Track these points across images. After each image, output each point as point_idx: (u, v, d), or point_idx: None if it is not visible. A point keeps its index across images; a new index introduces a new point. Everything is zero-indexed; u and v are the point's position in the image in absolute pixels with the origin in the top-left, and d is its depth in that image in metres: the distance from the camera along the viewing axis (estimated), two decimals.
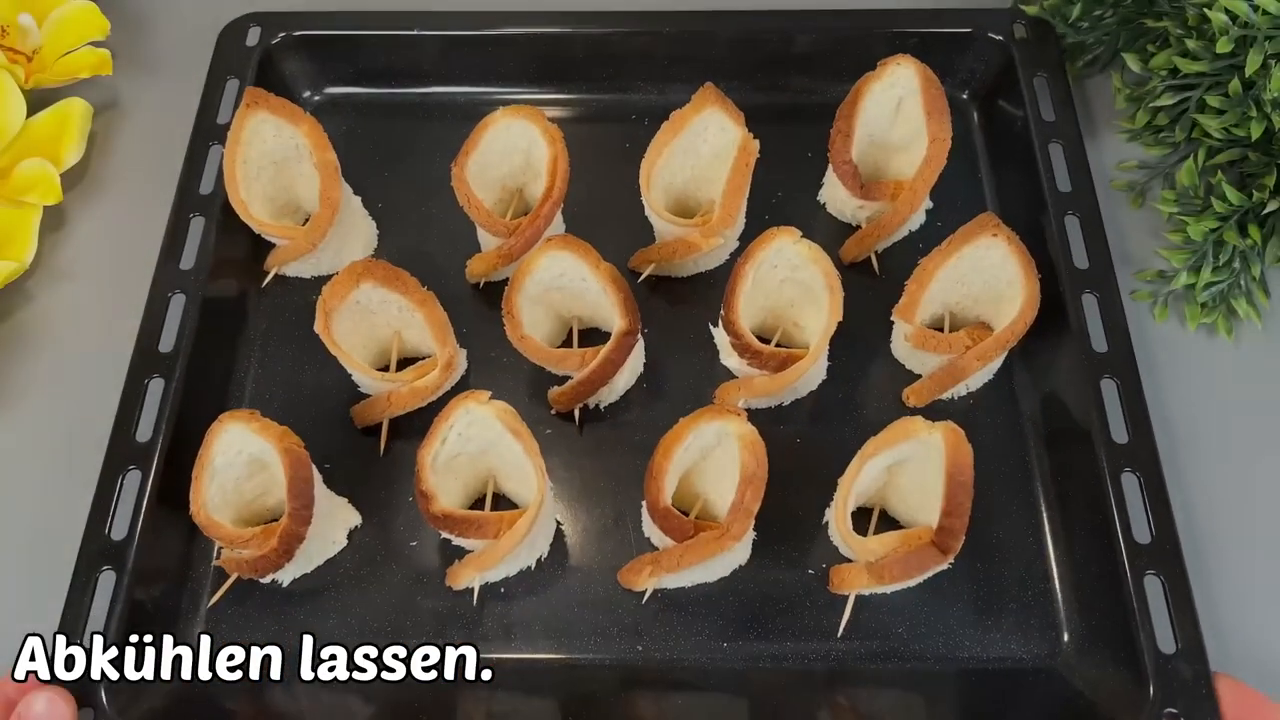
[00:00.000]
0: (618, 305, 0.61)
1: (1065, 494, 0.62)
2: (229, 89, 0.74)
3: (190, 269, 0.67)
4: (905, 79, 0.66)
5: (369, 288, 0.60)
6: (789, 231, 0.61)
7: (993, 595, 0.60)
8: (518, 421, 0.56)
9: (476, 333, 0.68)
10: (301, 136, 0.66)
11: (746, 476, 0.54)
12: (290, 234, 0.67)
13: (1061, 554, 0.61)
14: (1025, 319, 0.61)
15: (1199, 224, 0.67)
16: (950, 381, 0.64)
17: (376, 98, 0.79)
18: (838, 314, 0.60)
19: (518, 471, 0.59)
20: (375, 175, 0.75)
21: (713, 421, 0.56)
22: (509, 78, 0.78)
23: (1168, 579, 0.56)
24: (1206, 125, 0.67)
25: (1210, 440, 0.65)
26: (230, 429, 0.56)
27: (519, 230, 0.65)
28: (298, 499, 0.55)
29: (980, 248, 0.61)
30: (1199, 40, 0.66)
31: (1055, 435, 0.64)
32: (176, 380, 0.63)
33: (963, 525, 0.54)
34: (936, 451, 0.55)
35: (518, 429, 0.56)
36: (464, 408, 0.56)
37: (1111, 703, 0.55)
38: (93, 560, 0.57)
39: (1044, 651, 0.59)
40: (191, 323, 0.65)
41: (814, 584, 0.60)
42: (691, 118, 0.65)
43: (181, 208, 0.69)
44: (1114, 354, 0.63)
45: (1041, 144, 0.71)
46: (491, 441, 0.57)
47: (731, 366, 0.65)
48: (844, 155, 0.67)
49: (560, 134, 0.66)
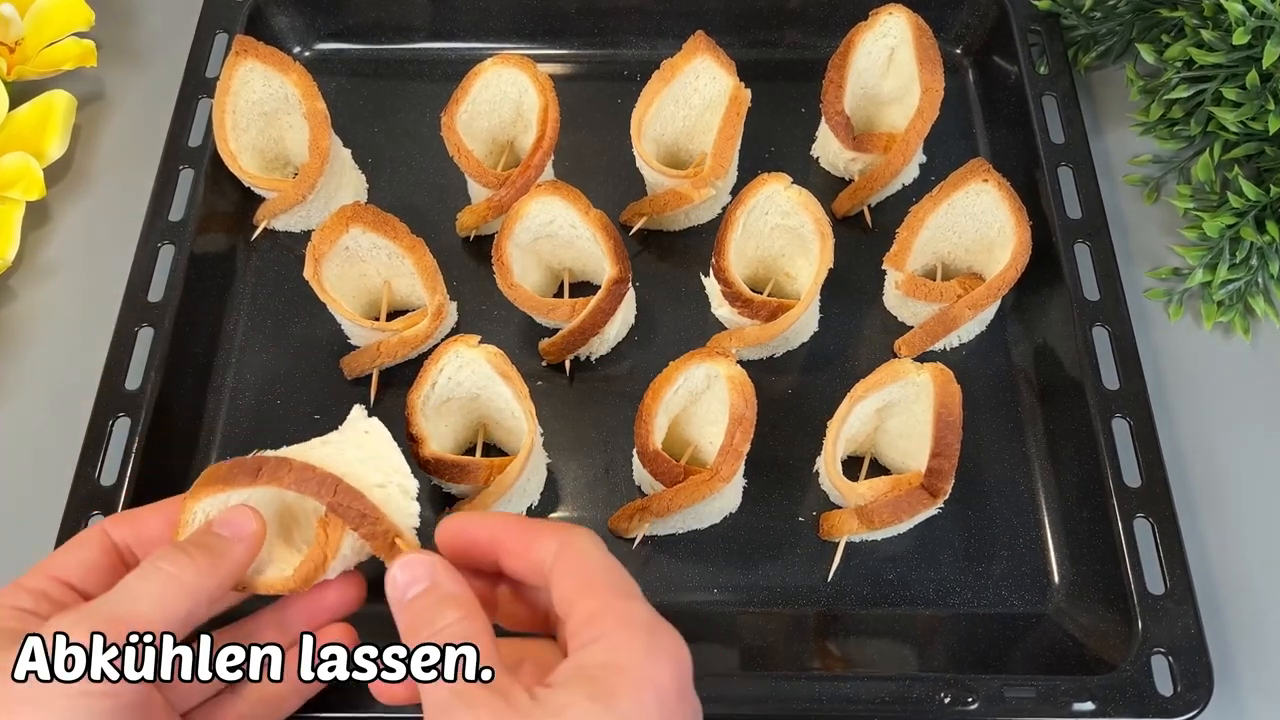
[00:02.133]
0: (608, 252, 0.62)
1: (1056, 441, 0.64)
2: (218, 43, 0.75)
3: (179, 221, 0.68)
4: (897, 28, 0.68)
5: (358, 232, 0.61)
6: (779, 177, 0.62)
7: (984, 542, 0.62)
8: (507, 365, 0.58)
9: (467, 286, 0.70)
10: (291, 86, 0.67)
11: (735, 417, 0.56)
12: (279, 186, 0.68)
13: (1053, 500, 0.62)
14: (1017, 265, 0.62)
15: (1215, 220, 0.66)
16: (942, 331, 0.65)
17: (366, 54, 0.80)
18: (828, 260, 0.61)
19: (508, 418, 0.60)
20: (365, 131, 0.76)
21: (702, 364, 0.57)
22: (500, 33, 0.79)
23: (1157, 522, 0.58)
24: (1223, 118, 0.67)
25: (1226, 443, 0.65)
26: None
27: (509, 181, 0.66)
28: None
29: (971, 193, 0.63)
30: (1215, 31, 0.66)
31: (1047, 384, 0.66)
32: (165, 330, 0.64)
33: (951, 466, 0.55)
34: (926, 393, 0.56)
35: (507, 372, 0.57)
36: (454, 350, 0.58)
37: (1101, 645, 0.56)
38: (81, 506, 0.58)
39: (1035, 597, 0.60)
40: (180, 273, 0.66)
41: (805, 530, 0.62)
42: (682, 66, 0.67)
43: (170, 159, 0.70)
44: (1105, 301, 0.64)
45: (1035, 97, 0.72)
46: (481, 386, 0.59)
47: (723, 317, 0.66)
48: (836, 106, 0.69)
49: (551, 83, 0.67)
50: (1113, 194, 0.73)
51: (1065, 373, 0.64)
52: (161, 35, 0.83)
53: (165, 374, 0.63)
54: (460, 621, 0.40)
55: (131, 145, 0.77)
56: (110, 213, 0.74)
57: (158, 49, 0.82)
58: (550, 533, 0.43)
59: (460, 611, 0.40)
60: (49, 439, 0.64)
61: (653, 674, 0.38)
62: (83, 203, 0.75)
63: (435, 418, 0.59)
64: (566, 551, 0.42)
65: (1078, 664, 0.56)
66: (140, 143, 0.75)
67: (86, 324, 0.68)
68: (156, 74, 0.80)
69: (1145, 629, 0.55)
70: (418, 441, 0.57)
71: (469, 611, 0.41)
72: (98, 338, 0.64)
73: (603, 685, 0.37)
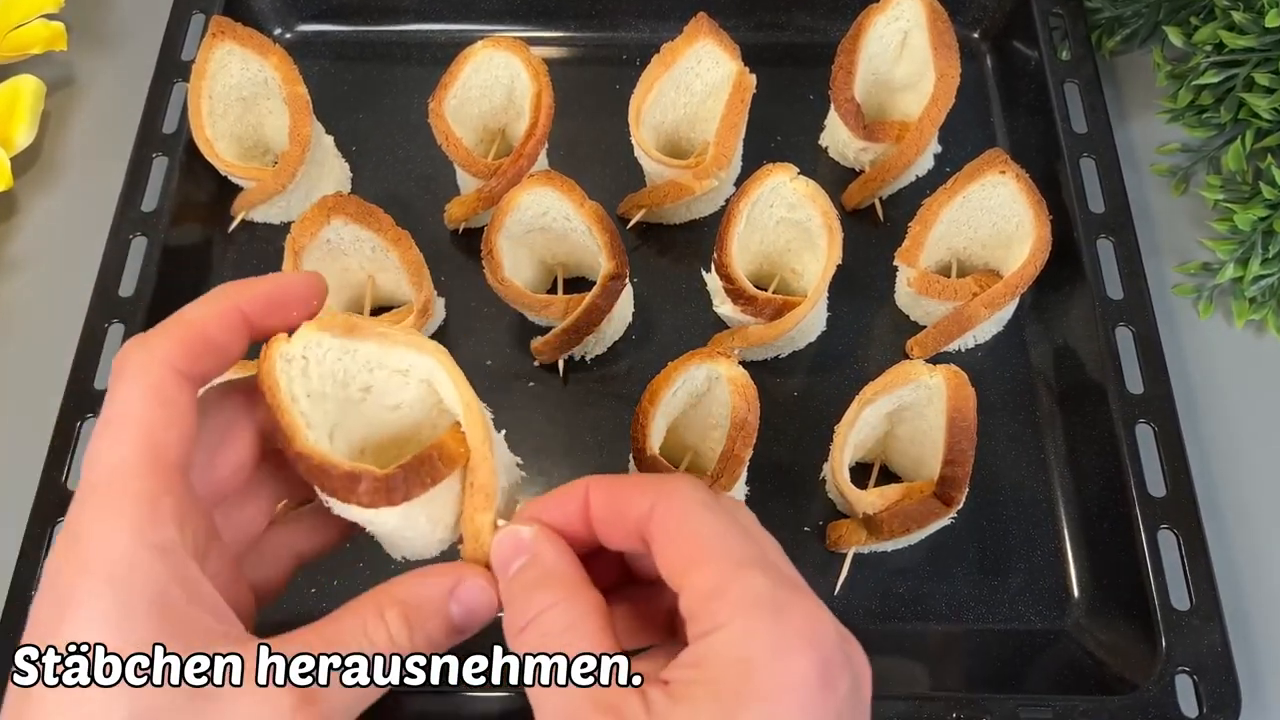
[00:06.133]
0: (604, 246, 0.62)
1: (1077, 448, 0.63)
2: (194, 24, 0.76)
3: (152, 211, 0.68)
4: (911, 10, 0.67)
5: (340, 224, 0.61)
6: (785, 168, 0.62)
7: (999, 554, 0.61)
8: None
9: (455, 281, 0.70)
10: (270, 69, 0.67)
11: (737, 421, 0.56)
12: (258, 175, 0.68)
13: (1072, 511, 0.62)
14: (1036, 262, 0.62)
15: (1247, 212, 0.66)
16: (957, 331, 0.65)
17: (351, 36, 0.80)
18: (837, 256, 0.61)
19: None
20: (349, 117, 0.76)
21: (702, 364, 0.57)
22: (491, 14, 0.79)
23: (1182, 534, 0.57)
24: (1255, 105, 0.66)
25: (1257, 450, 0.64)
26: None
27: (500, 170, 0.66)
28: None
29: (987, 186, 0.63)
30: (1246, 13, 0.66)
31: (1067, 387, 0.65)
32: (137, 326, 0.64)
33: (965, 473, 0.55)
34: (939, 397, 0.56)
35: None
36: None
37: (1122, 663, 0.56)
38: (48, 511, 0.59)
39: (1053, 612, 0.60)
40: (153, 266, 0.66)
41: (811, 541, 0.62)
42: (684, 50, 0.67)
43: (143, 146, 0.70)
44: (1129, 300, 0.64)
45: (1056, 84, 0.72)
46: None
47: (724, 315, 0.66)
48: (846, 92, 0.69)
49: (545, 68, 0.67)
50: (1138, 185, 0.73)
51: (1086, 375, 0.64)
52: (134, 17, 0.83)
53: None
54: (561, 604, 0.36)
55: (103, 132, 0.77)
56: (80, 203, 0.74)
57: (130, 31, 0.82)
58: (641, 489, 0.38)
59: (562, 592, 0.37)
60: (14, 440, 0.64)
61: (784, 672, 0.33)
62: (51, 193, 0.75)
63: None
64: (664, 511, 0.37)
65: (1097, 683, 0.56)
66: (112, 130, 0.75)
67: (54, 320, 0.68)
68: (129, 57, 0.80)
69: (1169, 647, 0.54)
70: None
71: (571, 592, 0.37)
72: (66, 334, 0.64)
73: (728, 693, 0.33)
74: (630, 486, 0.38)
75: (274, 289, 0.38)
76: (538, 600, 0.37)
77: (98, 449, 0.34)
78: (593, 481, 0.39)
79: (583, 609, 0.36)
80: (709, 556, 0.36)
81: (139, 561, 0.33)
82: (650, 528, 0.37)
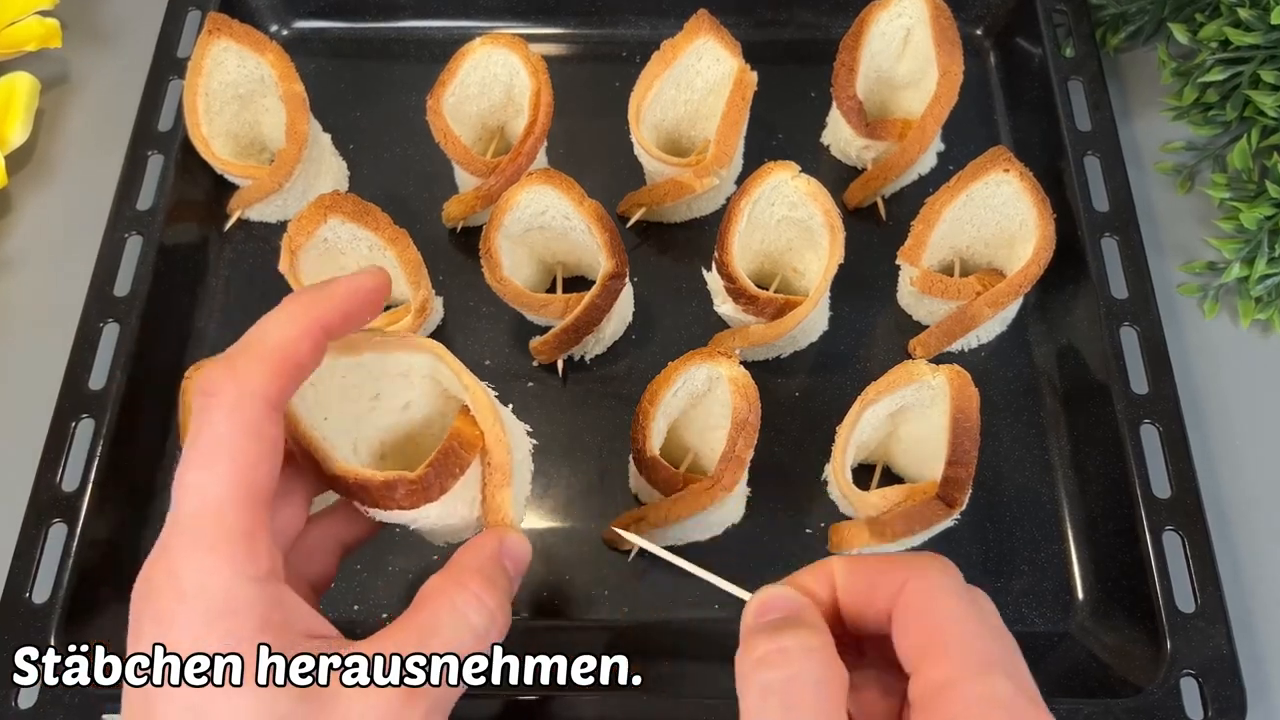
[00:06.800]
0: (604, 245, 0.62)
1: (1081, 449, 0.63)
2: (190, 21, 0.75)
3: (148, 210, 0.68)
4: (914, 7, 0.67)
5: (337, 223, 0.61)
6: (787, 166, 0.62)
7: (1003, 556, 0.61)
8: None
9: (453, 280, 0.70)
10: (267, 66, 0.67)
11: (738, 422, 0.56)
12: (254, 173, 0.68)
13: (1077, 512, 0.62)
14: (1040, 260, 0.62)
15: (1253, 211, 0.66)
16: (960, 330, 0.65)
17: (348, 33, 0.80)
18: (839, 254, 0.61)
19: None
20: (346, 115, 0.76)
21: (703, 364, 0.57)
22: (490, 10, 0.79)
23: (1187, 535, 0.57)
24: (1261, 103, 0.66)
25: (1263, 451, 0.64)
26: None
27: (499, 169, 0.66)
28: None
29: (991, 184, 0.62)
30: (1252, 10, 0.65)
31: (1072, 387, 0.65)
32: (133, 325, 0.64)
33: (969, 474, 0.55)
34: (942, 397, 0.56)
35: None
36: None
37: (1127, 665, 0.56)
38: (41, 514, 0.58)
39: (1057, 614, 0.60)
40: (149, 265, 0.66)
41: (813, 543, 0.62)
42: (684, 47, 0.67)
43: (138, 144, 0.70)
44: (1134, 299, 0.64)
45: (1060, 82, 0.72)
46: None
47: (725, 314, 0.66)
48: (848, 90, 0.68)
49: (544, 65, 0.67)
50: (1143, 184, 0.73)
51: (1091, 375, 0.64)
52: (130, 13, 0.83)
53: (131, 373, 0.63)
54: (818, 654, 0.36)
55: (98, 130, 0.77)
56: (75, 202, 0.74)
57: (126, 28, 0.82)
58: (895, 566, 0.37)
59: (819, 645, 0.36)
60: (8, 442, 0.64)
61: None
62: (46, 191, 0.75)
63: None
64: (913, 589, 0.36)
65: (1102, 686, 0.56)
66: (107, 127, 0.75)
67: (49, 320, 0.67)
68: (124, 54, 0.80)
69: (1174, 649, 0.54)
70: None
71: (830, 652, 0.36)
72: (60, 334, 0.64)
73: None
74: (882, 563, 0.38)
75: (350, 297, 0.39)
76: (795, 639, 0.36)
77: (192, 480, 0.35)
78: (838, 561, 0.39)
79: (837, 672, 0.36)
80: (952, 646, 0.35)
81: (239, 594, 0.34)
82: (897, 605, 0.36)
